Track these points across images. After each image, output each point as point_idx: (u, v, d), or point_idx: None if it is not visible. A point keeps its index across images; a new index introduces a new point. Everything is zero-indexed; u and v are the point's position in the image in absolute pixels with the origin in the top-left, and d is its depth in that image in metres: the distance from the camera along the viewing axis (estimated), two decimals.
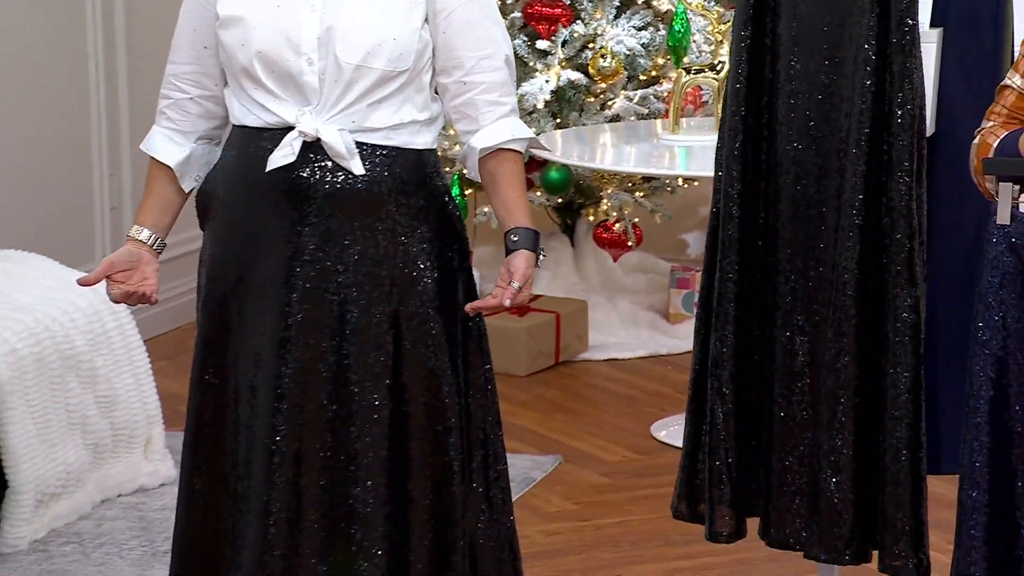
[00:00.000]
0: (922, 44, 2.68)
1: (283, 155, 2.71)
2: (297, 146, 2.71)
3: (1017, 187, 2.39)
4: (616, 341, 5.38)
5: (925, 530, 2.71)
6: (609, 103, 5.34)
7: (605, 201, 5.41)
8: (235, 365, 2.81)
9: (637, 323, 5.48)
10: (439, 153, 3.00)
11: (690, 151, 4.65)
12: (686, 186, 5.54)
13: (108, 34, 5.22)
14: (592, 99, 5.34)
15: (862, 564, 2.77)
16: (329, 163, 2.72)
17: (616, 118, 5.28)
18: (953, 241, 2.77)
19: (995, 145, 2.42)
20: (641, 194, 5.42)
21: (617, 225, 5.36)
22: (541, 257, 2.77)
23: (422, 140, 2.76)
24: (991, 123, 2.46)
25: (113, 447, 4.18)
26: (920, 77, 2.67)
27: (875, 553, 2.77)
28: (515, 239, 2.75)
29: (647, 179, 5.39)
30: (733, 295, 2.81)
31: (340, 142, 2.71)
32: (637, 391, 5.02)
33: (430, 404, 2.75)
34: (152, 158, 2.85)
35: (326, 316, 2.74)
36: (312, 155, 2.72)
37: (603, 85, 5.32)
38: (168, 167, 2.83)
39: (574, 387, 5.07)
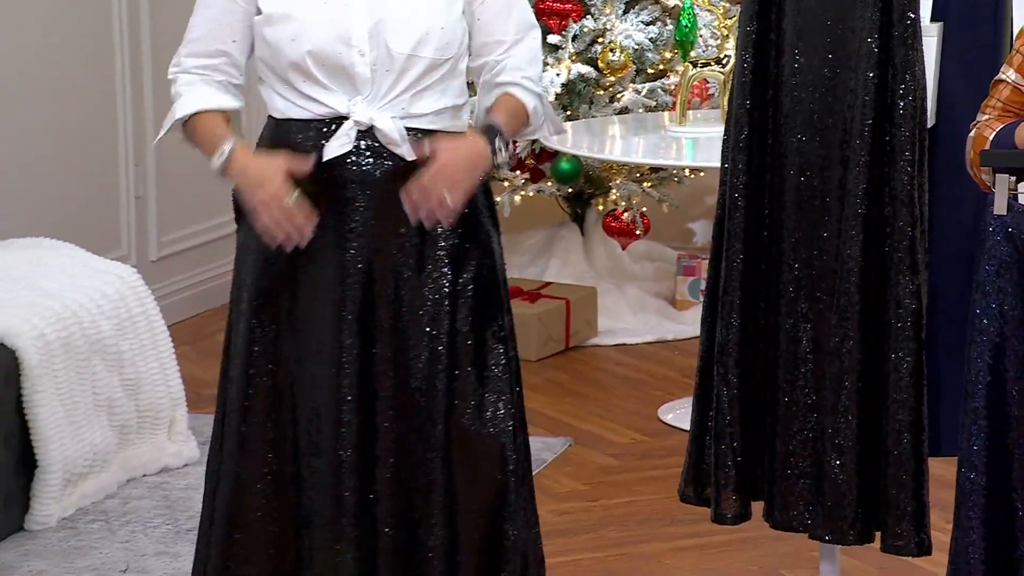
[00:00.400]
0: (923, 38, 2.68)
1: (340, 144, 2.72)
2: (353, 135, 2.72)
3: (1013, 178, 2.39)
4: (624, 327, 5.38)
5: (926, 511, 2.71)
6: (618, 96, 5.34)
7: (614, 191, 5.41)
8: (289, 354, 2.79)
9: (645, 309, 5.49)
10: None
11: (696, 142, 4.64)
12: (692, 176, 5.54)
13: (133, 29, 5.23)
14: (601, 92, 5.34)
15: (865, 544, 2.77)
16: (382, 150, 2.72)
17: (625, 110, 5.27)
18: (952, 230, 2.77)
19: (991, 138, 2.42)
20: (649, 184, 5.42)
21: (626, 214, 5.36)
22: (498, 149, 2.68)
23: (459, 123, 2.79)
24: (986, 116, 2.46)
25: (138, 428, 4.19)
26: (921, 70, 2.67)
27: (877, 534, 2.77)
28: (474, 123, 2.74)
29: (655, 169, 5.38)
30: (739, 284, 2.81)
31: (393, 129, 2.72)
32: (645, 375, 5.02)
33: (482, 376, 2.75)
34: (199, 115, 2.73)
35: (382, 299, 2.74)
36: (364, 143, 2.72)
37: (612, 78, 5.32)
38: (226, 113, 2.75)
39: (583, 371, 5.07)
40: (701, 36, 5.14)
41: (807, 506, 2.77)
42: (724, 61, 4.82)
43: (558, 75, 5.20)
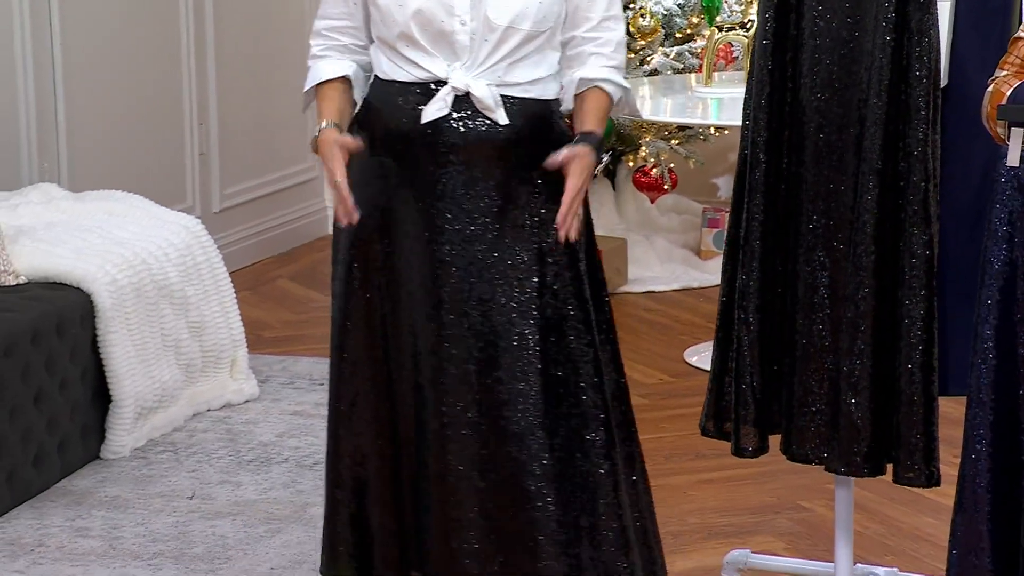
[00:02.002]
0: (937, 2, 2.64)
1: (437, 108, 2.69)
2: (450, 100, 2.69)
3: None
4: (653, 275, 5.36)
5: (936, 445, 2.69)
6: (648, 59, 5.29)
7: (644, 148, 5.38)
8: (383, 301, 2.76)
9: (672, 259, 5.46)
10: None
11: (721, 102, 4.61)
12: (717, 134, 5.50)
13: (198, 3, 5.22)
14: (632, 55, 5.30)
15: (877, 476, 2.76)
16: (477, 115, 2.69)
17: (654, 72, 5.23)
18: (962, 183, 2.74)
19: (1008, 93, 2.38)
20: (676, 142, 5.39)
21: (654, 170, 5.33)
22: (601, 162, 2.73)
23: (551, 91, 2.75)
24: (1004, 72, 2.43)
25: (203, 367, 4.21)
26: (936, 33, 2.63)
27: (890, 467, 2.75)
28: (577, 137, 2.72)
29: (682, 128, 5.35)
30: (759, 234, 2.78)
31: (489, 95, 2.68)
32: (671, 320, 5.01)
33: (574, 334, 2.72)
34: (318, 86, 2.76)
35: (473, 258, 2.70)
36: (460, 107, 2.69)
37: (642, 42, 5.28)
38: (339, 80, 2.76)
39: (615, 317, 5.05)
40: (726, 2, 5.09)
41: (823, 441, 2.76)
42: (748, 26, 4.77)
43: None
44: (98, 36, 4.85)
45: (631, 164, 5.50)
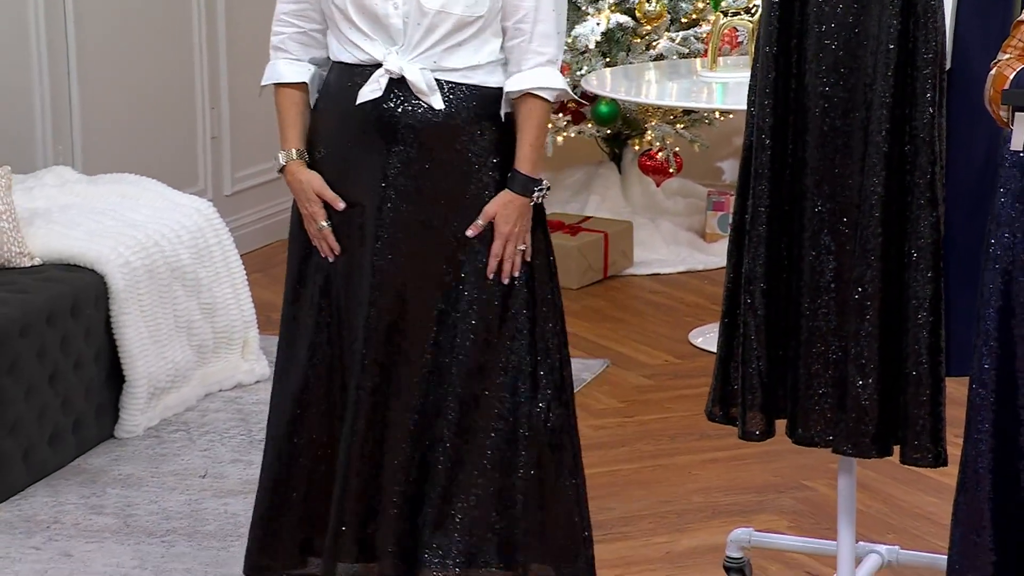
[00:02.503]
0: None
1: (371, 90, 2.72)
2: (384, 82, 2.71)
3: None
4: (658, 258, 5.36)
5: (943, 426, 2.68)
6: (654, 44, 5.28)
7: (649, 132, 5.37)
8: (328, 274, 2.81)
9: (677, 242, 5.45)
10: None
11: (726, 87, 4.59)
12: (722, 118, 5.49)
13: None
14: (638, 40, 5.28)
15: (884, 457, 2.75)
16: (412, 98, 2.71)
17: (660, 57, 5.22)
18: (964, 165, 2.72)
19: (1011, 77, 2.37)
20: (682, 126, 5.38)
21: (660, 154, 5.32)
22: (536, 198, 2.76)
23: (496, 79, 2.75)
24: (1007, 56, 2.41)
25: (215, 348, 4.21)
26: (941, 16, 2.61)
27: (896, 448, 2.74)
28: (508, 177, 2.76)
29: (687, 112, 5.33)
30: (765, 218, 2.77)
31: (422, 79, 2.70)
32: (676, 302, 5.00)
33: (499, 315, 2.75)
34: (278, 86, 2.83)
35: (408, 234, 2.74)
36: (397, 91, 2.72)
37: (648, 27, 5.26)
38: (298, 86, 2.81)
39: (620, 299, 5.05)
40: None
41: (829, 423, 2.75)
42: (752, 11, 4.75)
43: (598, 24, 5.15)
44: (111, 22, 4.84)
45: (637, 148, 5.49)
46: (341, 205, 2.78)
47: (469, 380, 2.76)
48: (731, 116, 5.43)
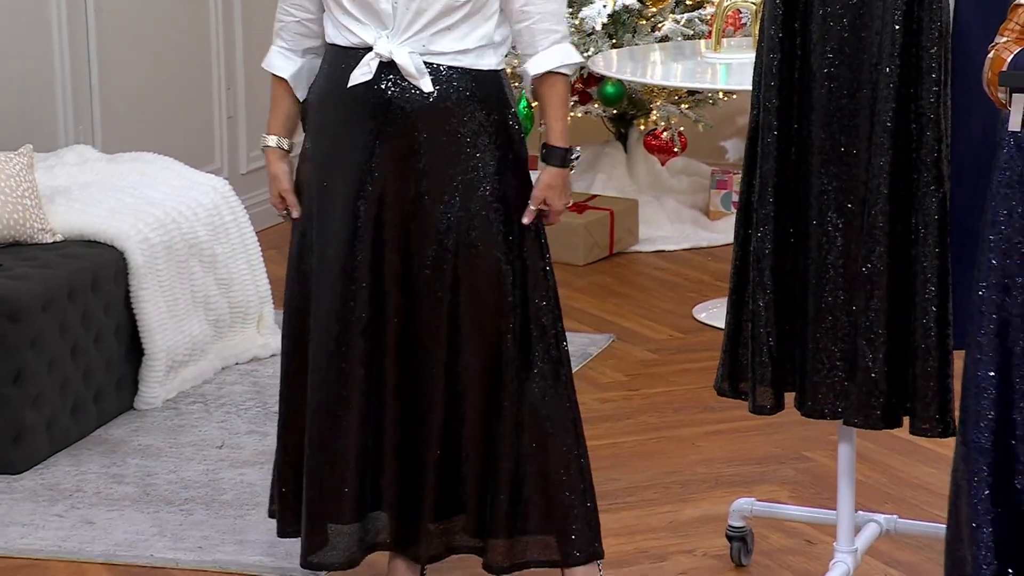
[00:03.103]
0: None
1: (362, 73, 2.73)
2: (374, 65, 2.72)
3: None
4: (663, 235, 5.35)
5: (951, 397, 2.68)
6: (659, 25, 5.26)
7: (654, 112, 5.36)
8: (319, 248, 2.83)
9: (681, 219, 5.45)
10: (509, 70, 2.98)
11: (730, 68, 4.58)
12: (726, 99, 5.47)
13: None
14: (644, 22, 5.27)
15: (892, 429, 2.75)
16: (403, 81, 2.72)
17: (665, 39, 5.20)
18: (963, 145, 2.71)
19: (1009, 60, 2.36)
20: (686, 106, 5.36)
21: (665, 133, 5.31)
22: (572, 167, 2.80)
23: (487, 62, 2.75)
24: (1004, 39, 2.40)
25: (231, 322, 4.22)
26: None
27: (906, 419, 2.74)
28: (543, 153, 2.79)
29: (691, 92, 5.32)
30: (772, 198, 2.77)
31: (411, 63, 2.71)
32: (681, 278, 5.00)
33: (489, 293, 2.75)
34: (273, 76, 2.89)
35: (398, 214, 2.75)
36: (389, 74, 2.72)
37: (653, 9, 5.24)
38: (284, 79, 2.87)
39: (625, 275, 5.05)
40: None
41: (838, 396, 2.74)
42: None
43: (604, 7, 5.13)
44: (130, 7, 4.84)
45: (642, 128, 5.48)
46: (296, 214, 2.86)
47: (469, 357, 2.76)
48: (734, 96, 5.42)
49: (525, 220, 2.76)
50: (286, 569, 3.14)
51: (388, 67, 2.72)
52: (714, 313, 4.52)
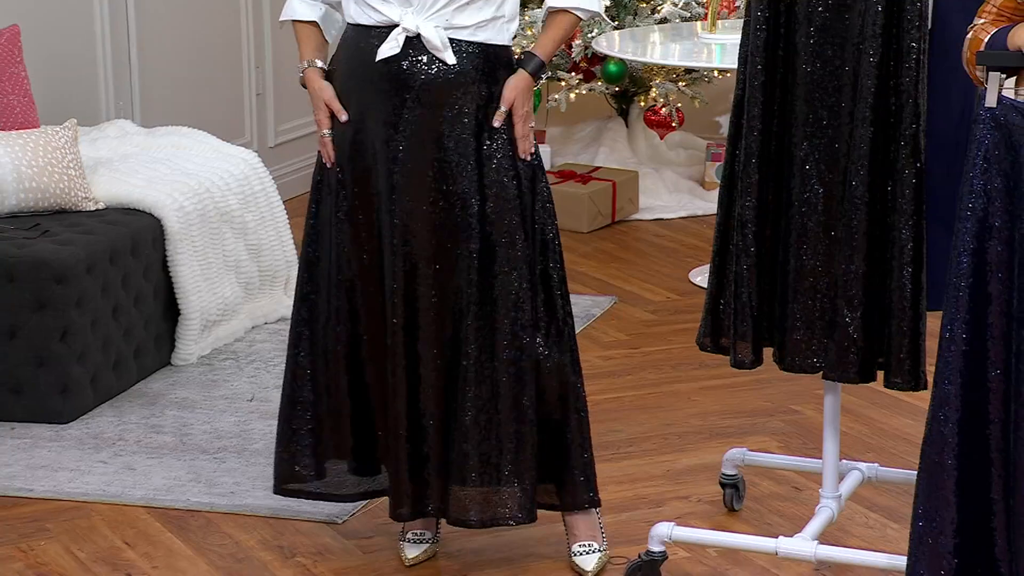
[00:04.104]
0: None
1: (390, 48, 2.71)
2: (401, 40, 2.70)
3: (1004, 76, 2.33)
4: (661, 204, 5.34)
5: (923, 354, 2.68)
6: (658, 8, 5.23)
7: (654, 89, 5.33)
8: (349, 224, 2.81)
9: (679, 189, 5.44)
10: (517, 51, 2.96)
11: (724, 48, 4.56)
12: (720, 77, 5.45)
13: None
14: (644, 4, 5.24)
15: (867, 383, 2.75)
16: (425, 56, 2.71)
17: (664, 20, 5.18)
18: (942, 119, 2.70)
19: (986, 40, 2.35)
20: (683, 84, 5.34)
21: (663, 109, 5.29)
22: (540, 80, 2.79)
23: (501, 37, 2.75)
24: (982, 20, 2.38)
25: (260, 285, 4.22)
26: None
27: (880, 374, 2.74)
28: (521, 59, 2.77)
29: (688, 71, 5.30)
30: (756, 167, 2.76)
31: (436, 37, 2.70)
32: (678, 244, 5.00)
33: (507, 253, 2.75)
34: (295, 22, 2.83)
35: (424, 180, 2.74)
36: (411, 50, 2.71)
37: None
38: (312, 23, 2.82)
39: (627, 241, 5.05)
40: None
41: (816, 352, 2.74)
42: None
43: None
44: None
45: (642, 104, 5.46)
46: (344, 117, 2.77)
47: (477, 312, 2.75)
48: (728, 75, 5.39)
49: (496, 123, 2.73)
50: (312, 513, 3.15)
51: (410, 43, 2.71)
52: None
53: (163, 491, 3.27)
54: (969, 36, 2.39)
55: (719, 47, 4.58)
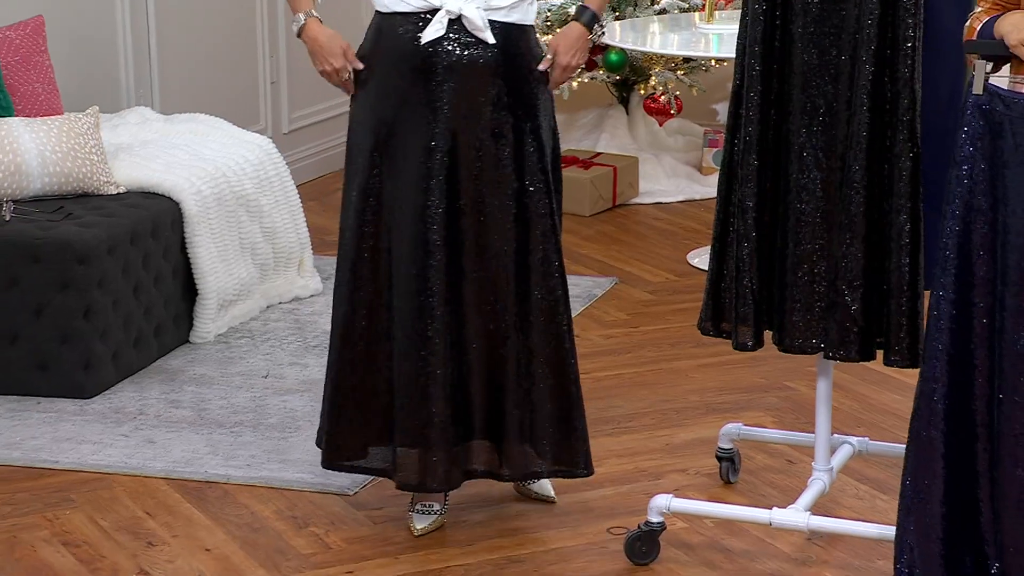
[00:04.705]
0: None
1: (435, 30, 2.73)
2: (445, 22, 2.72)
3: (990, 64, 2.32)
4: (660, 188, 5.33)
5: (920, 333, 2.68)
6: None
7: (653, 78, 5.32)
8: (390, 203, 2.80)
9: (677, 174, 5.43)
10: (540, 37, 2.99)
11: (721, 37, 4.55)
12: (717, 65, 5.43)
13: None
14: None
15: (866, 361, 2.75)
16: (466, 36, 2.72)
17: (663, 11, 5.16)
18: (931, 105, 2.69)
19: (978, 28, 2.34)
20: (682, 72, 5.33)
21: (662, 97, 5.28)
22: (597, 30, 2.81)
23: (528, 17, 2.79)
24: (979, 9, 2.38)
25: (275, 266, 4.22)
26: None
27: (879, 352, 2.74)
28: (577, 11, 2.81)
29: (687, 60, 5.28)
30: (755, 154, 2.75)
31: (478, 17, 2.72)
32: (676, 227, 4.99)
33: (538, 222, 2.78)
34: None
35: (465, 158, 2.75)
36: (451, 33, 2.72)
37: None
38: None
39: (627, 224, 5.04)
40: None
41: (816, 333, 2.74)
42: None
43: None
44: None
45: (642, 92, 5.45)
46: (360, 65, 2.77)
47: (494, 286, 2.78)
48: (725, 64, 5.38)
49: (541, 67, 2.77)
50: (325, 484, 3.16)
51: (452, 24, 2.73)
52: (706, 259, 4.50)
53: (182, 463, 3.28)
54: (967, 24, 2.38)
55: (716, 37, 4.57)
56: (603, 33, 2.80)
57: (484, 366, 2.80)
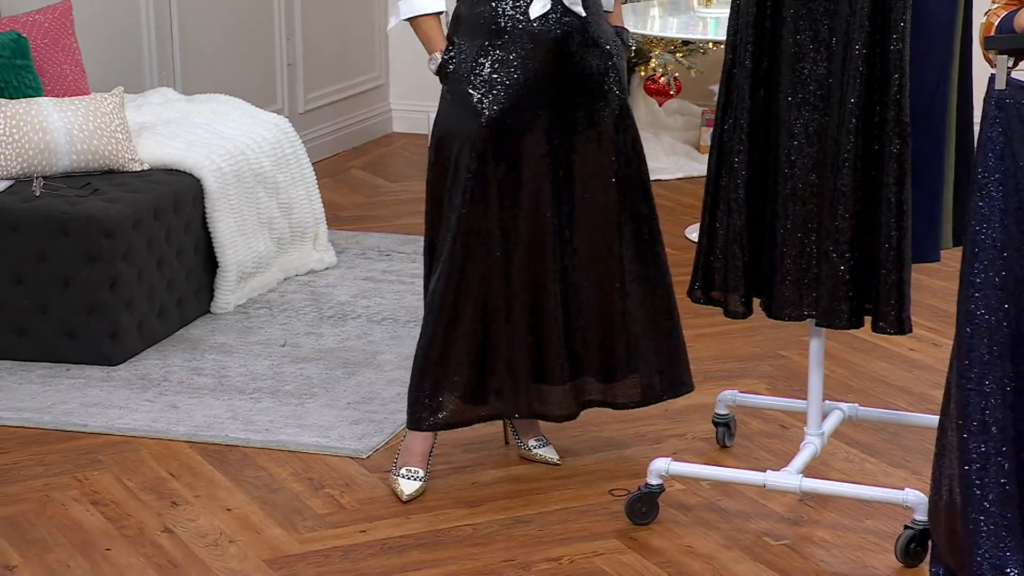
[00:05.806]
0: None
1: (541, 5, 2.78)
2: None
3: (1011, 60, 2.27)
4: (660, 166, 5.31)
5: (907, 300, 2.67)
6: None
7: (653, 60, 5.29)
8: (501, 183, 2.84)
9: (676, 152, 5.41)
10: None
11: (719, 21, 4.52)
12: (715, 48, 5.39)
13: None
14: None
15: (855, 329, 2.74)
16: (563, 11, 2.79)
17: None
18: (918, 89, 2.67)
19: (996, 24, 2.29)
20: (681, 55, 5.30)
21: (662, 78, 5.25)
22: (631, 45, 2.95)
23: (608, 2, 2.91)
24: (996, 5, 2.33)
25: (291, 240, 4.22)
26: None
27: (867, 320, 2.73)
28: (620, 31, 2.93)
29: (685, 43, 5.25)
30: (745, 133, 2.73)
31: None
32: (675, 203, 4.97)
33: (635, 183, 2.96)
34: (418, 18, 2.81)
35: (571, 125, 2.83)
36: (553, 6, 2.79)
37: None
38: (436, 15, 2.84)
39: None
40: None
41: (805, 302, 2.73)
42: None
43: None
44: None
45: (643, 74, 5.42)
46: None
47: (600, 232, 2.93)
48: (722, 46, 5.34)
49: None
50: (339, 448, 3.16)
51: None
52: None
53: (204, 427, 3.28)
54: (983, 20, 2.33)
55: (713, 20, 4.54)
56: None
57: (596, 307, 2.90)
